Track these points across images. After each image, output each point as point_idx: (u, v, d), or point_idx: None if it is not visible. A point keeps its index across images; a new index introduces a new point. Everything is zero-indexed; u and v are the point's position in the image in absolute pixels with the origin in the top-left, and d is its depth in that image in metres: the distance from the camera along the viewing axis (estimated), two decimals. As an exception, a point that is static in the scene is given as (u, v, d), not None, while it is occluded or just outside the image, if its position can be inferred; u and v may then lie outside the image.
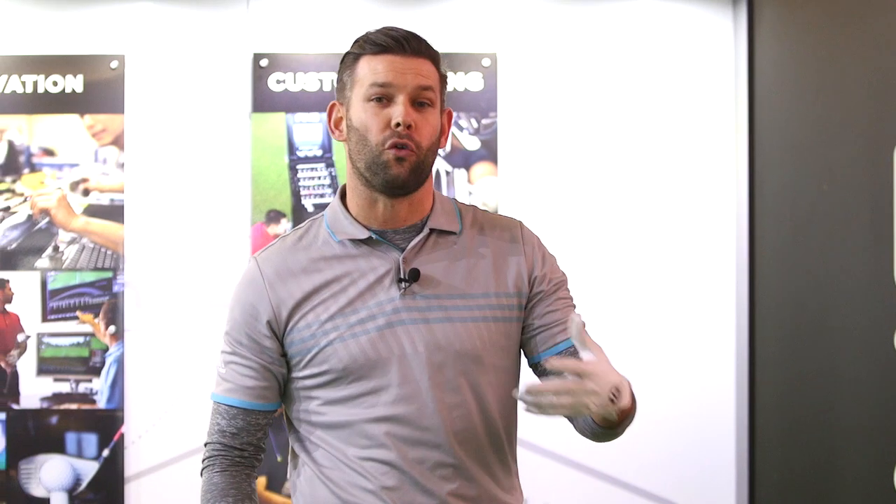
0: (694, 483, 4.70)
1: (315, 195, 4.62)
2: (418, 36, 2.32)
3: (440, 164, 4.62)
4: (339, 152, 4.62)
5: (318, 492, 2.33)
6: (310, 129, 4.64)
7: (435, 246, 2.34)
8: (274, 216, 4.62)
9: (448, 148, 4.54)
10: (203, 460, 2.40)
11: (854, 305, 3.67)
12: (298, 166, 4.63)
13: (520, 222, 2.45)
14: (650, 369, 4.66)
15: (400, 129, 2.24)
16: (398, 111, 2.25)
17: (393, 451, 2.27)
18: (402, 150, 2.25)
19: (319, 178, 4.63)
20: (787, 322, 4.30)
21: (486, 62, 4.66)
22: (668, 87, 4.73)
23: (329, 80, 4.66)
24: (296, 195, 4.62)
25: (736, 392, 4.68)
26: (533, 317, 2.39)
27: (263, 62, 4.65)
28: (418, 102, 2.28)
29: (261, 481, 4.57)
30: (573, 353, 2.36)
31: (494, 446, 2.35)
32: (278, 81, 4.65)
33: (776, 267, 4.39)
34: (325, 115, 4.54)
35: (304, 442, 2.36)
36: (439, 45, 2.38)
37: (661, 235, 4.70)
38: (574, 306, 2.44)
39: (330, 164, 4.62)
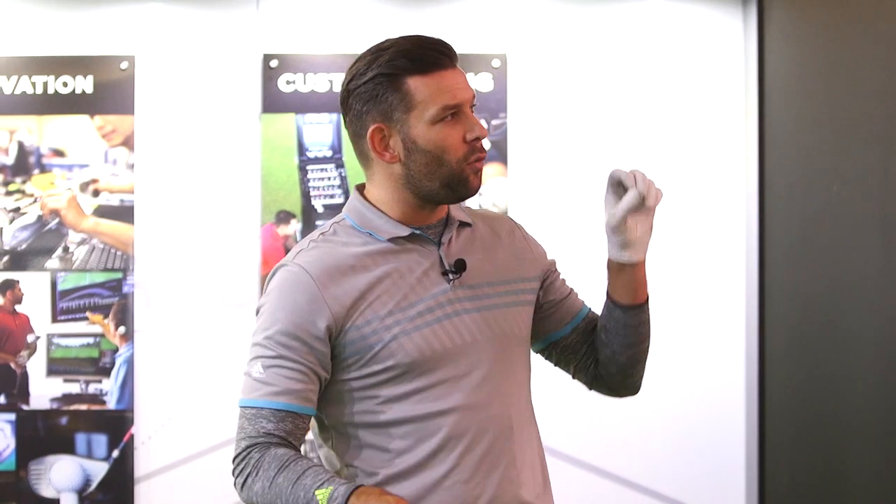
0: (703, 484, 4.69)
1: (325, 196, 4.62)
2: (440, 40, 2.30)
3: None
4: (350, 153, 4.61)
5: None
6: (320, 130, 4.64)
7: (461, 237, 2.38)
8: (284, 217, 4.62)
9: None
10: (245, 460, 2.23)
11: (864, 306, 3.66)
12: (308, 167, 4.63)
13: (508, 216, 2.56)
14: (661, 370, 4.64)
15: (478, 143, 2.27)
16: (473, 126, 2.27)
17: (461, 443, 2.26)
18: (480, 163, 2.29)
19: (329, 178, 4.63)
20: (796, 323, 4.29)
21: (495, 63, 4.66)
22: (677, 88, 4.73)
23: (339, 80, 4.66)
24: (306, 196, 4.62)
25: (746, 393, 4.67)
26: (551, 293, 2.48)
27: (273, 63, 4.66)
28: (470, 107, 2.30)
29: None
30: (593, 316, 2.52)
31: (532, 422, 2.41)
32: (288, 82, 4.65)
33: (786, 268, 4.39)
34: (334, 116, 4.61)
35: (351, 448, 2.30)
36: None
37: (671, 237, 4.70)
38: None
39: (340, 165, 4.62)
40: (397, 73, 2.24)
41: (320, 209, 4.62)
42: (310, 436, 2.39)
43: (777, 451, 4.48)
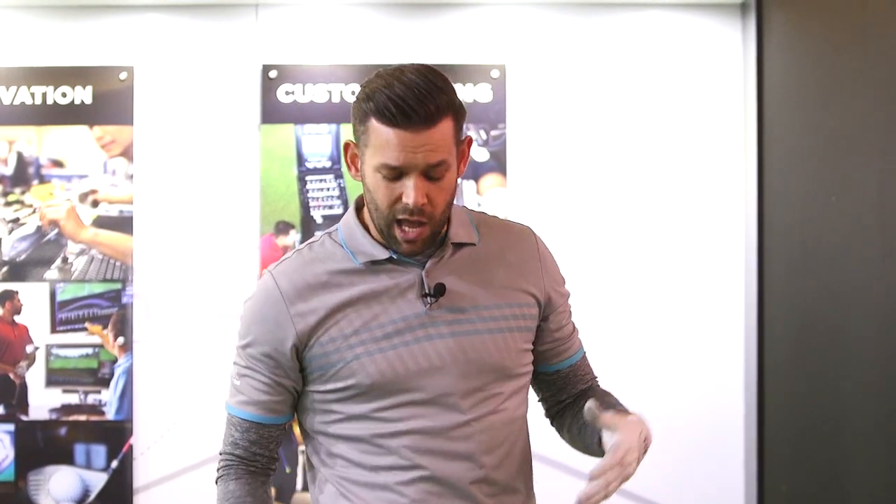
0: (702, 495, 4.69)
1: (324, 206, 4.62)
2: (427, 93, 2.17)
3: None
4: (348, 163, 4.62)
5: None
6: (319, 141, 4.64)
7: (455, 259, 2.33)
8: (283, 227, 4.62)
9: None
10: (218, 469, 2.39)
11: (863, 316, 3.66)
12: (307, 177, 4.63)
13: (531, 230, 2.46)
14: (660, 380, 4.66)
15: (411, 207, 2.19)
16: (409, 193, 2.18)
17: (423, 465, 2.26)
18: (412, 232, 2.22)
19: (328, 189, 4.63)
20: (796, 333, 4.29)
21: (494, 73, 4.66)
22: (676, 98, 4.73)
23: (338, 91, 4.66)
24: (305, 206, 4.62)
25: (745, 403, 4.67)
26: (549, 329, 2.42)
27: (272, 73, 4.66)
28: (431, 175, 2.20)
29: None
30: (581, 365, 2.49)
31: (517, 451, 2.38)
32: (287, 93, 4.66)
33: (785, 278, 4.38)
34: (333, 126, 4.61)
35: (324, 456, 2.34)
36: (448, 57, 2.35)
37: (670, 246, 4.70)
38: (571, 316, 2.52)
39: (339, 176, 4.62)
40: (366, 109, 2.19)
41: (319, 220, 4.62)
42: None
43: (776, 462, 4.48)
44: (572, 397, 2.48)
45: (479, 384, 2.29)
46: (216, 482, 2.39)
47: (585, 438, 2.41)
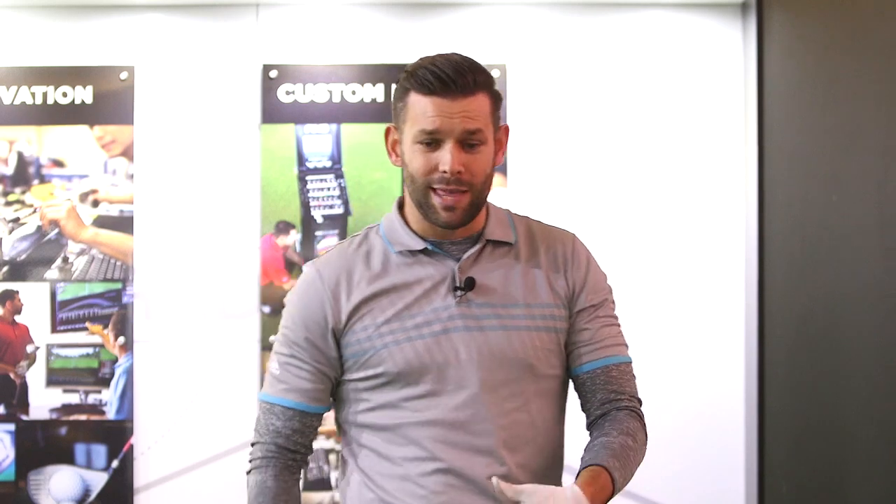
0: (702, 495, 4.69)
1: (324, 206, 4.62)
2: (468, 67, 2.30)
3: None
4: (349, 163, 4.63)
5: (366, 499, 2.37)
6: (319, 140, 4.64)
7: (490, 256, 2.40)
8: (283, 227, 4.62)
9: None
10: (252, 459, 2.42)
11: (864, 316, 3.66)
12: (308, 177, 4.63)
13: (573, 235, 2.53)
14: (660, 380, 4.65)
15: (448, 175, 2.27)
16: (446, 159, 2.27)
17: (444, 457, 2.31)
18: (450, 198, 2.29)
19: (329, 189, 4.63)
20: (796, 333, 4.29)
21: (495, 73, 4.66)
22: (677, 98, 4.73)
23: (338, 91, 4.66)
24: (305, 206, 4.62)
25: (745, 403, 4.67)
26: (573, 332, 2.45)
27: (273, 73, 4.66)
28: (468, 144, 2.29)
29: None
30: (602, 373, 2.45)
31: (543, 453, 2.41)
32: (288, 92, 4.66)
33: (785, 278, 4.38)
34: (334, 126, 4.61)
35: (352, 446, 2.41)
36: (448, 57, 2.37)
37: (670, 246, 4.70)
38: (615, 324, 2.52)
39: (339, 175, 4.62)
40: (407, 85, 2.30)
41: (320, 219, 4.62)
42: None
43: (776, 462, 4.48)
44: (595, 416, 2.48)
45: (502, 379, 2.34)
46: (248, 473, 2.42)
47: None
